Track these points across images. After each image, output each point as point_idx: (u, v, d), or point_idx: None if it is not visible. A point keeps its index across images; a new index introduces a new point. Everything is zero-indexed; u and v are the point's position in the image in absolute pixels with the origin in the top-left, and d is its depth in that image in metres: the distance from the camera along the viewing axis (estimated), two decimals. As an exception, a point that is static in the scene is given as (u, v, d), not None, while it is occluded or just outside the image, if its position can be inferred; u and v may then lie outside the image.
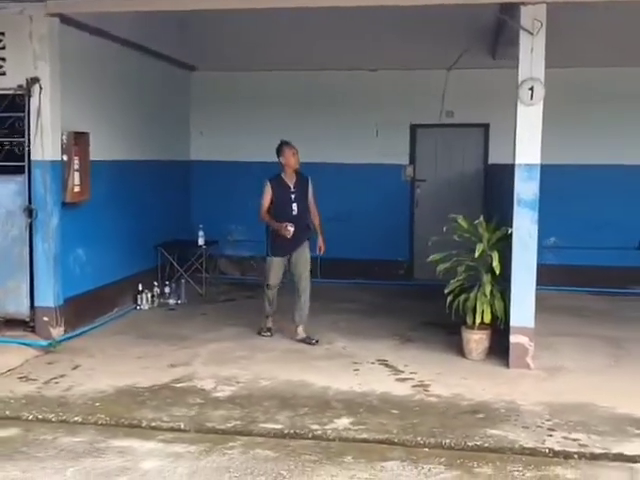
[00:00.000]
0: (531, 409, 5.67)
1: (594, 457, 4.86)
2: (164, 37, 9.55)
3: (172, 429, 5.31)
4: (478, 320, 6.81)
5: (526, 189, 6.61)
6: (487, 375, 6.53)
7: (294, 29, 9.96)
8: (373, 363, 6.86)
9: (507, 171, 8.42)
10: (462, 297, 6.96)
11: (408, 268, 10.75)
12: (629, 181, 10.09)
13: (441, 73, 10.16)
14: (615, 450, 4.92)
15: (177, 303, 9.26)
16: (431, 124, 10.38)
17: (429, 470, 4.60)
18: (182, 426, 5.34)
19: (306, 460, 4.72)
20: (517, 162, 6.64)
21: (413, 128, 10.58)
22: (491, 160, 10.40)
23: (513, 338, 6.69)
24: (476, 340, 6.95)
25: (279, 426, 5.30)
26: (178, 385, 6.19)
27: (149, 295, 9.03)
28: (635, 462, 4.76)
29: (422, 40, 9.89)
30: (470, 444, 5.02)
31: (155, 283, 9.25)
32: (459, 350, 7.12)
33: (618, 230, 10.13)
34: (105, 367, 6.67)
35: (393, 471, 4.58)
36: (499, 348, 6.95)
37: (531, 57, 6.46)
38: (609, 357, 7.18)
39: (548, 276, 8.14)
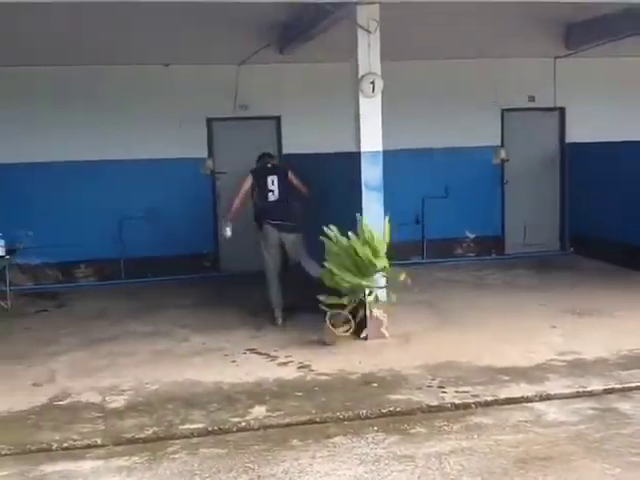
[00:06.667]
0: (412, 373, 6.25)
1: (488, 404, 5.58)
2: None
3: (89, 446, 5.06)
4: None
5: (372, 174, 7.16)
6: (354, 349, 7.02)
7: (74, 21, 9.38)
8: (245, 353, 6.99)
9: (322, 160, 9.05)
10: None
11: (215, 260, 10.86)
12: (408, 164, 11.11)
13: (234, 68, 10.42)
14: (502, 396, 5.69)
15: (-15, 320, 8.49)
16: (226, 117, 10.57)
17: (374, 438, 4.96)
18: (99, 442, 5.11)
19: (259, 450, 4.82)
20: (362, 150, 7.10)
21: (209, 122, 10.68)
22: (285, 150, 10.87)
23: (370, 313, 7.26)
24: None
25: (200, 425, 5.29)
26: (62, 403, 5.81)
27: (-45, 315, 8.20)
28: (527, 402, 5.57)
29: (214, 35, 9.99)
30: (384, 411, 5.47)
31: (-42, 301, 8.40)
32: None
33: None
34: (-40, 395, 6.03)
35: (345, 445, 4.87)
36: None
37: (369, 53, 6.96)
38: (435, 317, 8.08)
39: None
